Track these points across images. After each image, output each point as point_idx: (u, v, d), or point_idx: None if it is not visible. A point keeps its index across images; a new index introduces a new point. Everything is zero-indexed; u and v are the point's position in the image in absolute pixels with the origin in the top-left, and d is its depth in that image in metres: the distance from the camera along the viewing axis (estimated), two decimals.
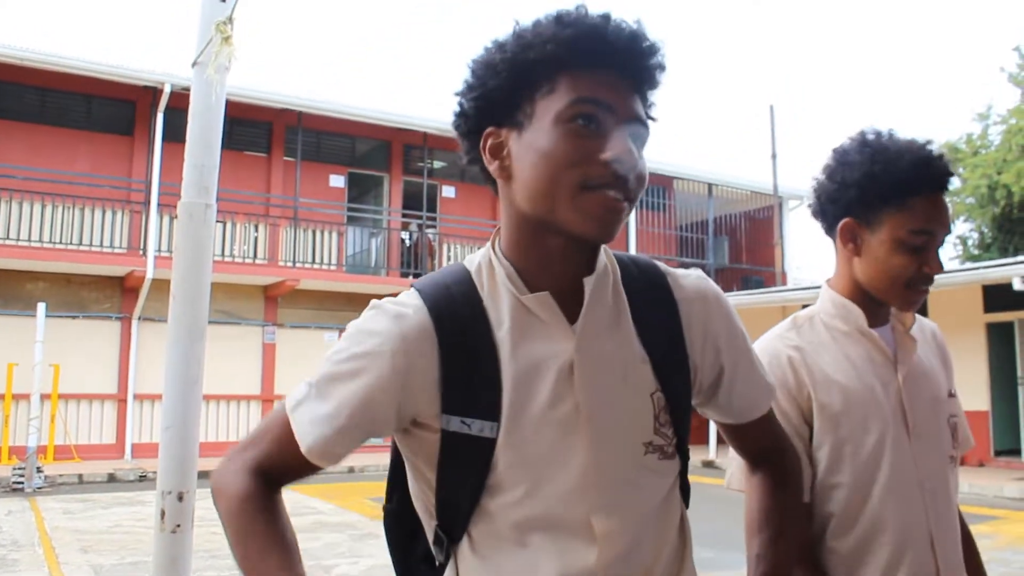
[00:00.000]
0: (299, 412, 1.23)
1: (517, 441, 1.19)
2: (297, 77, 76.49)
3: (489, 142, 1.23)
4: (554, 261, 1.23)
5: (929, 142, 1.79)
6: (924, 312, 15.72)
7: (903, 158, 1.76)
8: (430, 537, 1.28)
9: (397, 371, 1.19)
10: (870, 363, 1.80)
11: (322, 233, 18.84)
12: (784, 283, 22.68)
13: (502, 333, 1.22)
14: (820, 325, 1.87)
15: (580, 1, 1.20)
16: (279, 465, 1.25)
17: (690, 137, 65.59)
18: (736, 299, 18.24)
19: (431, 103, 73.00)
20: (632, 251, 21.50)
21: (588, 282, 1.24)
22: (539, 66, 1.17)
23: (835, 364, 1.80)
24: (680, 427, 1.28)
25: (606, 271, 1.29)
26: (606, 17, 1.17)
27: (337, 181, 19.85)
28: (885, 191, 1.76)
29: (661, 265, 1.35)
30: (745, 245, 24.49)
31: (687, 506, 1.34)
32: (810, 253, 61.27)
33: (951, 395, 1.88)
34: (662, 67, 1.21)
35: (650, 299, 1.30)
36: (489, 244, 1.30)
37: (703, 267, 23.14)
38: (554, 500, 1.19)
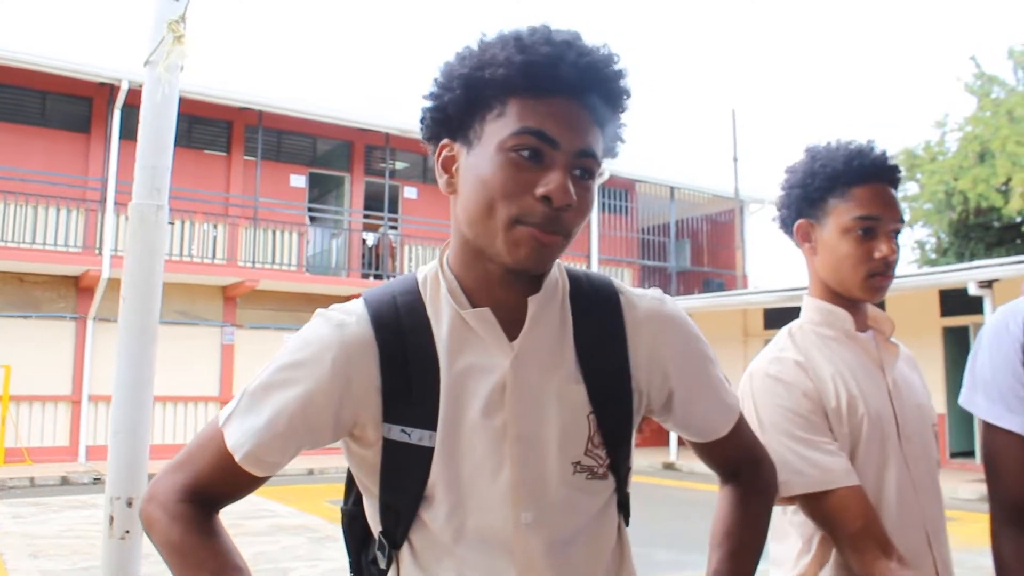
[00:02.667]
0: (233, 423, 1.23)
1: (450, 452, 1.20)
2: (257, 75, 76.00)
3: (443, 154, 1.24)
4: (493, 283, 1.23)
5: (870, 142, 1.85)
6: None
7: (839, 153, 1.84)
8: (375, 541, 1.29)
9: (336, 379, 1.20)
10: (862, 367, 1.83)
11: (282, 233, 18.69)
12: (745, 286, 22.86)
13: (441, 345, 1.22)
14: (810, 333, 1.88)
15: (547, 20, 1.19)
16: (213, 485, 1.24)
17: (652, 140, 66.04)
18: (697, 302, 18.36)
19: (393, 103, 72.83)
20: (595, 253, 21.75)
21: (532, 302, 1.24)
22: (491, 88, 1.16)
23: (831, 368, 1.81)
24: (615, 448, 1.27)
25: (555, 289, 1.29)
26: (565, 43, 1.15)
27: (298, 181, 19.70)
28: (825, 184, 1.83)
29: (616, 284, 1.34)
30: (707, 248, 24.66)
31: (628, 521, 1.34)
32: (771, 256, 61.97)
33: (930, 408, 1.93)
34: (623, 95, 1.20)
35: (596, 319, 1.29)
36: (439, 255, 1.30)
37: (664, 270, 23.29)
38: (480, 514, 1.20)
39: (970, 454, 15.62)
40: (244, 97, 17.89)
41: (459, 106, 1.19)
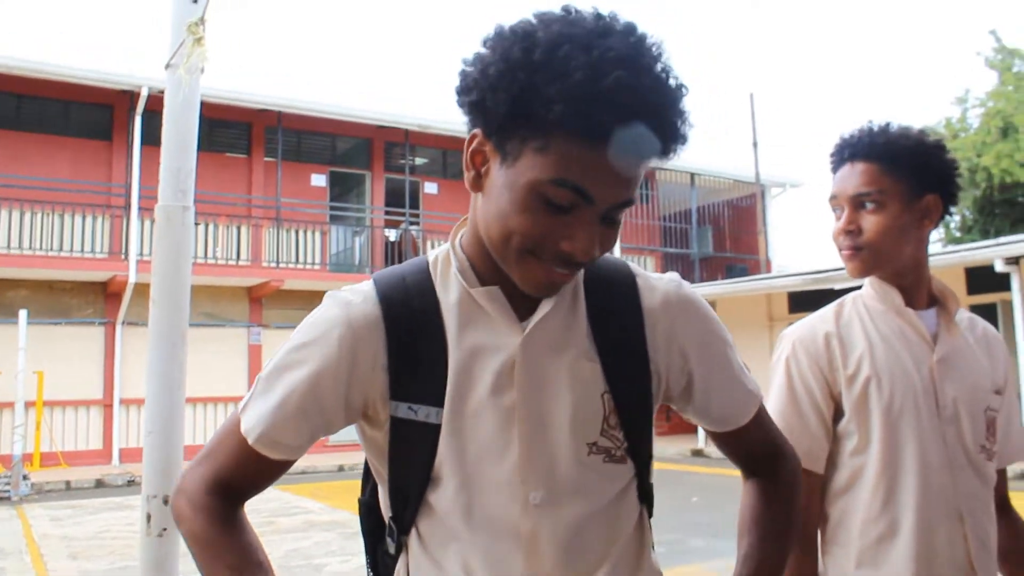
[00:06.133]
0: (248, 410, 1.23)
1: (457, 430, 1.19)
2: (276, 77, 76.22)
3: (474, 144, 1.14)
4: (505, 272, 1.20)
5: (868, 122, 1.91)
6: None
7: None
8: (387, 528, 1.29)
9: (343, 357, 1.19)
10: (903, 340, 1.86)
11: (305, 233, 18.80)
12: (768, 271, 22.75)
13: (450, 323, 1.22)
14: (861, 305, 1.94)
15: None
16: (235, 473, 1.25)
17: None
18: (721, 288, 18.30)
19: (411, 99, 72.93)
20: (616, 243, 21.58)
21: None
22: (538, 120, 1.04)
23: (866, 338, 1.86)
24: (634, 431, 1.25)
25: None
26: (631, 101, 1.02)
27: (319, 180, 19.79)
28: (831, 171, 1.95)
29: (633, 267, 1.33)
30: (729, 233, 24.55)
31: (651, 512, 1.32)
32: (795, 240, 61.57)
33: (998, 392, 1.89)
34: (681, 139, 1.10)
35: (613, 301, 1.28)
36: (451, 236, 1.28)
37: (687, 256, 23.21)
38: (487, 495, 1.19)
39: None
40: (262, 99, 18.02)
41: (501, 117, 1.08)
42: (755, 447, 1.42)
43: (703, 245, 24.07)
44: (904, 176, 1.83)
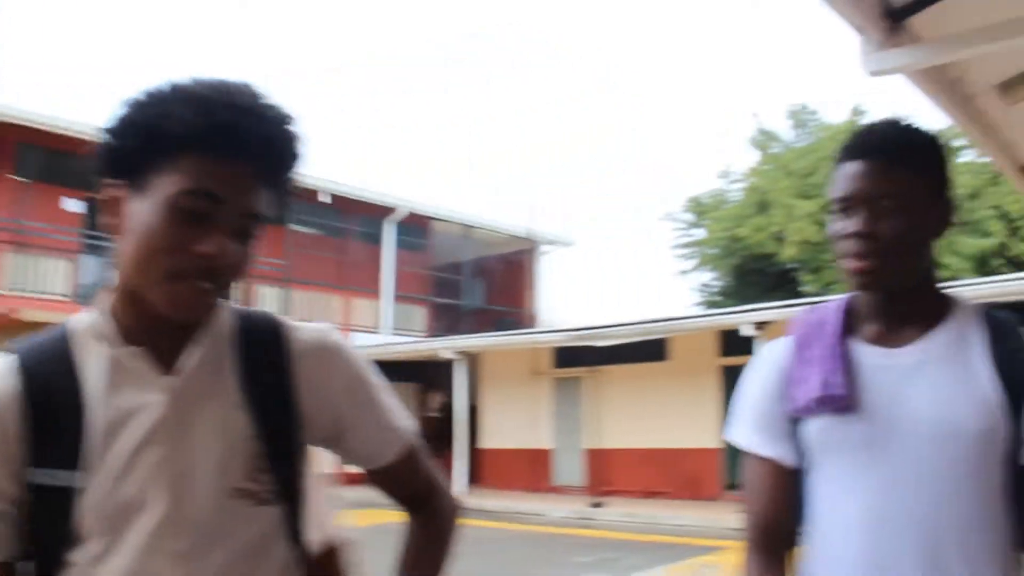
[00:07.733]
0: None
1: (99, 491, 1.20)
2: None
3: (106, 194, 1.23)
4: (150, 322, 1.25)
5: None
6: (661, 355, 16.45)
7: None
8: None
9: None
10: None
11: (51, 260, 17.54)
12: (535, 325, 23.13)
13: (92, 386, 1.24)
14: None
15: (229, 76, 1.24)
16: None
17: (449, 179, 67.02)
18: (488, 340, 18.46)
19: None
20: (390, 291, 21.47)
21: (191, 339, 1.28)
22: (167, 143, 1.17)
23: None
24: (282, 475, 1.30)
25: (214, 323, 1.31)
26: (247, 109, 1.20)
27: (72, 205, 18.53)
28: None
29: (279, 317, 1.39)
30: (500, 287, 24.88)
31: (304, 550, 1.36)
32: (563, 298, 63.61)
33: None
34: (294, 158, 1.27)
35: (260, 351, 1.33)
36: (97, 302, 1.30)
37: (456, 307, 23.32)
38: (133, 551, 1.20)
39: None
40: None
41: (133, 154, 1.19)
42: (409, 487, 1.48)
43: (474, 297, 24.26)
44: None
